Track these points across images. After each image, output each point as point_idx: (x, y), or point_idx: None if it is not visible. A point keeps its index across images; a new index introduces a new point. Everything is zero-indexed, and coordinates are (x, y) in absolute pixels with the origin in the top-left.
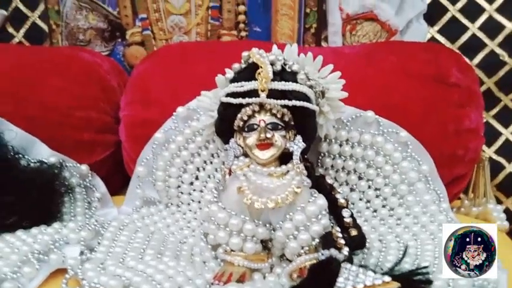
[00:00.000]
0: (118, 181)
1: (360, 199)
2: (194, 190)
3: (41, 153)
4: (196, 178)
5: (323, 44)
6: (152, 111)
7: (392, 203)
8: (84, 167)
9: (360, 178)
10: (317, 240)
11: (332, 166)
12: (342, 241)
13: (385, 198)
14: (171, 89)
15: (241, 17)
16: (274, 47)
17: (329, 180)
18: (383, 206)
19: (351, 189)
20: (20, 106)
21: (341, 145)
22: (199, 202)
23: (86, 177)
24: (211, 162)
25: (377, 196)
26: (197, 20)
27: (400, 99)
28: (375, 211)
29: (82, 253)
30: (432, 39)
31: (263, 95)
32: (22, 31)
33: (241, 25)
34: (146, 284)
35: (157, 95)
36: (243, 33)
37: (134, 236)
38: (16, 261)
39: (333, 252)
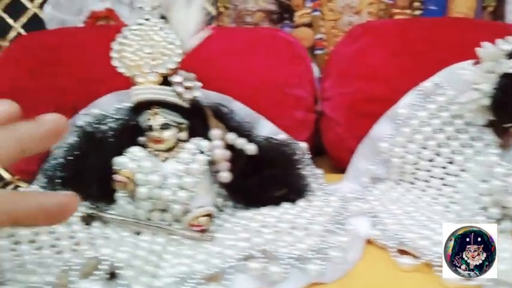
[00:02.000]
0: None
1: None
2: (434, 167)
3: (265, 130)
4: (437, 155)
5: None
6: (376, 88)
7: None
8: (303, 145)
9: None
10: None
11: None
12: None
13: None
14: (386, 65)
15: None
16: None
17: None
18: None
19: None
20: (234, 86)
21: None
22: (441, 179)
23: (305, 154)
24: (456, 139)
25: None
26: None
27: None
28: None
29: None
30: None
31: None
32: None
33: (416, 4)
34: None
35: (378, 72)
36: (417, 12)
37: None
38: (318, 232)
39: None
